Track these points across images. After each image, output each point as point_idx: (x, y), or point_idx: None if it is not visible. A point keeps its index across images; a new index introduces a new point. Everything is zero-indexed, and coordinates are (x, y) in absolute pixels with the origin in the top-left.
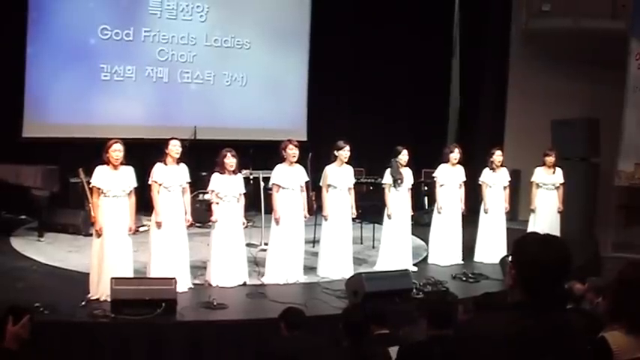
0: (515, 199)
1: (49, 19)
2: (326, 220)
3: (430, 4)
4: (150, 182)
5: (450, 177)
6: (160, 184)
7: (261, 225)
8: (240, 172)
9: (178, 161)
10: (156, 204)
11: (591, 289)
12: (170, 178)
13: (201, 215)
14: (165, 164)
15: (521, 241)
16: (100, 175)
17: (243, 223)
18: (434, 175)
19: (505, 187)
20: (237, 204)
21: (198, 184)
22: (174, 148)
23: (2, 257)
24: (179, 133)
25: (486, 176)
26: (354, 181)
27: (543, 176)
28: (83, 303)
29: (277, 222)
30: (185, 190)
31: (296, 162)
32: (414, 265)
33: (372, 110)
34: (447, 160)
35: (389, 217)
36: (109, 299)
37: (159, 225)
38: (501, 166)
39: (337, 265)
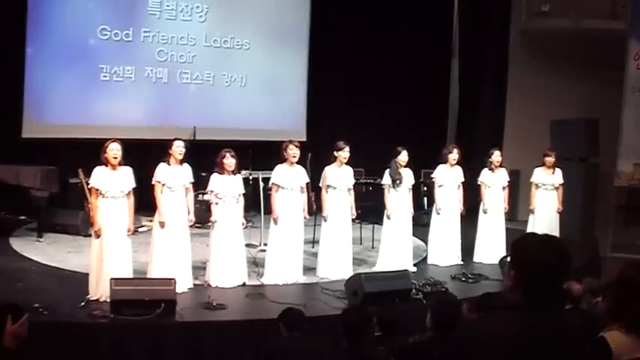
0: (515, 199)
1: (48, 19)
2: (325, 220)
3: (430, 4)
4: (153, 182)
5: (448, 177)
6: (164, 185)
7: (261, 225)
8: (240, 173)
9: (182, 162)
10: (159, 204)
11: (586, 289)
12: (173, 178)
13: (201, 216)
14: (169, 164)
15: (520, 242)
16: (99, 176)
17: (243, 224)
18: (432, 175)
19: (504, 188)
20: (236, 204)
21: (198, 184)
22: (178, 149)
23: (2, 258)
24: (179, 134)
25: (485, 176)
26: (353, 181)
27: (543, 177)
28: (83, 303)
29: (275, 222)
30: (188, 190)
31: (297, 162)
32: (413, 265)
33: (372, 110)
34: (445, 161)
35: (388, 217)
36: (108, 300)
37: (162, 225)
38: (500, 166)
39: (337, 265)
